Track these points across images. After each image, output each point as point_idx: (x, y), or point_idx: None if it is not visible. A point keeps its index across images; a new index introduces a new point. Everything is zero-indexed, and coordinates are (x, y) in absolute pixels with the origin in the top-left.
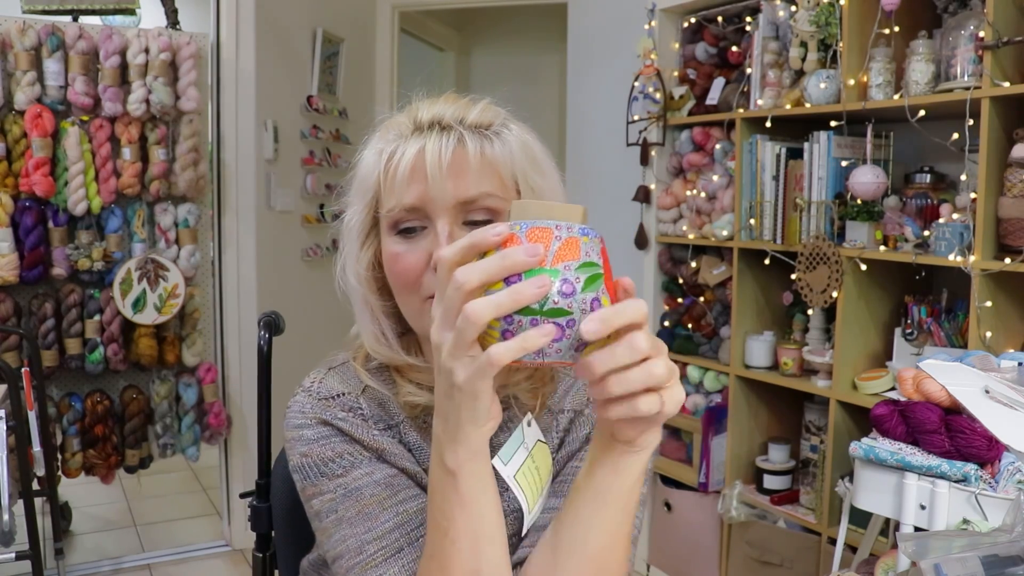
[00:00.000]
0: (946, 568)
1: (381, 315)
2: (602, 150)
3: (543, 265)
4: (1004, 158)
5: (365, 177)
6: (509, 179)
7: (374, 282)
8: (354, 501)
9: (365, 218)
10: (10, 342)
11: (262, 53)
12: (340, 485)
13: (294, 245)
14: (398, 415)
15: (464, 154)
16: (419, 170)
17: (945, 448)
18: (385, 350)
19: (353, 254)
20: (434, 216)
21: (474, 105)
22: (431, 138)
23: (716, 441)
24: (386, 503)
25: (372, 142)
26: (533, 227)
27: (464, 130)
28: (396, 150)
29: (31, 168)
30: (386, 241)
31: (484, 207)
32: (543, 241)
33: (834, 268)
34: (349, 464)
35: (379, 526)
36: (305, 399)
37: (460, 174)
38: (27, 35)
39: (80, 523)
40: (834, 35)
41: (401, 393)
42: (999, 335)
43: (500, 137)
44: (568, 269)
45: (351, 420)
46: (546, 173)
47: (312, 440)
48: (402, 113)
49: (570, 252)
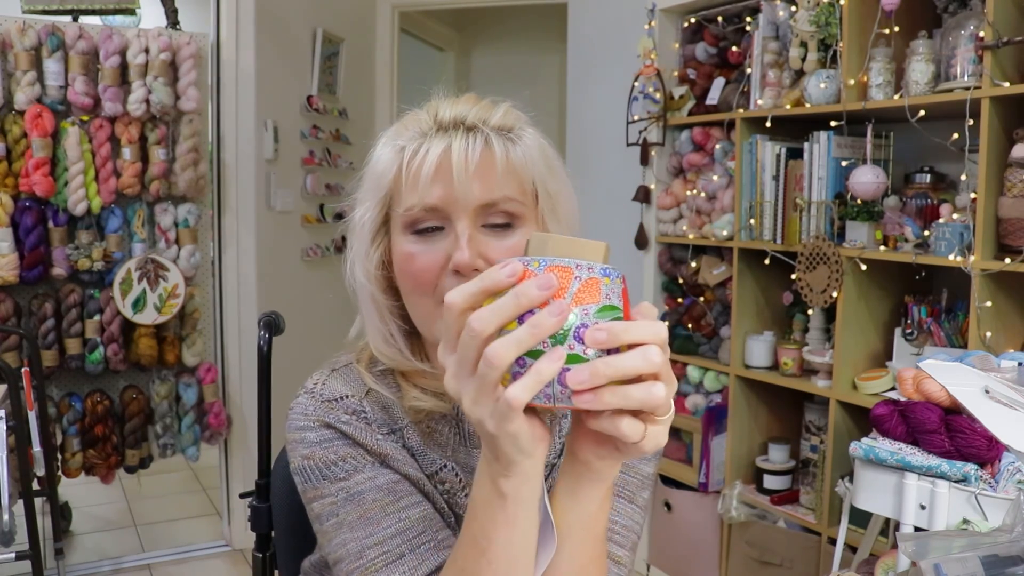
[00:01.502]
0: (946, 568)
1: (389, 315)
2: (602, 150)
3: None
4: (1004, 158)
5: (381, 173)
6: (528, 184)
7: (383, 281)
8: (355, 505)
9: (377, 215)
10: (10, 342)
11: (262, 53)
12: (342, 489)
13: (294, 245)
14: (402, 419)
15: (491, 156)
16: (444, 170)
17: (945, 448)
18: (393, 352)
19: (363, 252)
20: (454, 217)
21: (496, 107)
22: (457, 138)
23: (716, 441)
24: (388, 509)
25: (388, 138)
26: (552, 265)
27: (490, 131)
28: (420, 148)
29: (31, 168)
30: (399, 240)
31: (504, 211)
32: (562, 281)
33: (834, 268)
34: (352, 468)
35: (380, 531)
36: (308, 401)
37: (485, 176)
38: (27, 35)
39: (80, 523)
40: (834, 35)
41: (406, 398)
42: (999, 335)
43: (522, 141)
44: (587, 313)
45: (354, 423)
46: (561, 179)
47: (315, 443)
48: (421, 110)
49: (590, 294)
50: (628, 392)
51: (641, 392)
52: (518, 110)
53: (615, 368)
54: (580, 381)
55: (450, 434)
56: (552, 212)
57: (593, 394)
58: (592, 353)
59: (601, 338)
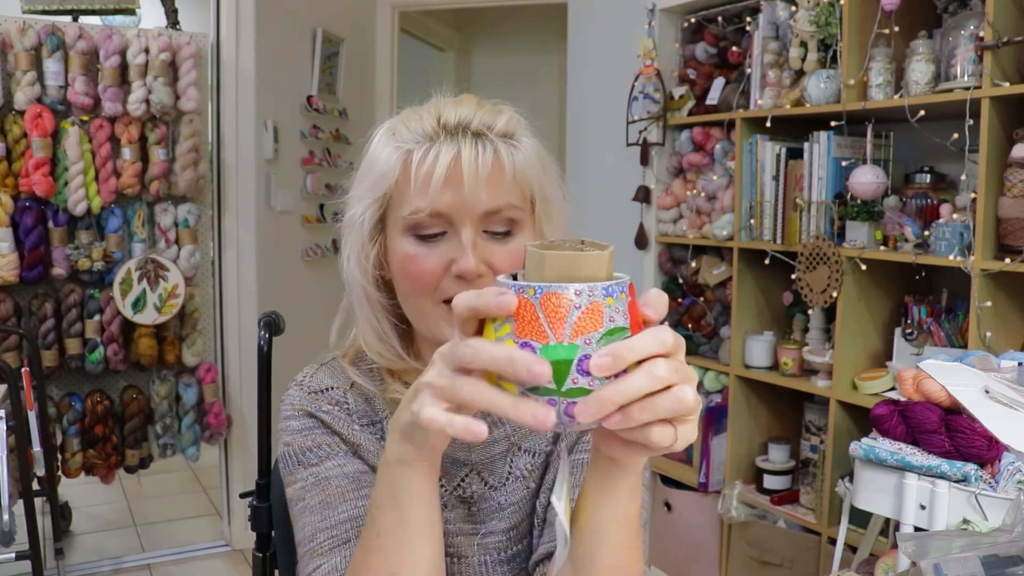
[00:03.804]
0: (946, 568)
1: (383, 312)
2: (602, 150)
3: (560, 342)
4: (1004, 158)
5: (383, 174)
6: (528, 191)
7: (377, 279)
8: (320, 490)
9: (375, 214)
10: (10, 342)
11: (262, 53)
12: (312, 474)
13: (294, 245)
14: (383, 411)
15: (500, 164)
16: (455, 176)
17: (945, 448)
18: (386, 349)
19: (359, 250)
20: (459, 223)
21: (499, 112)
22: (466, 144)
23: (716, 441)
24: (348, 495)
25: (385, 135)
26: (548, 293)
27: (497, 139)
28: (428, 152)
29: (31, 168)
30: (399, 241)
31: (506, 218)
32: (560, 310)
33: (834, 268)
34: (325, 455)
35: (334, 516)
36: (296, 392)
37: (494, 184)
38: (27, 35)
39: (80, 523)
40: (834, 35)
41: (388, 390)
42: (999, 335)
43: (523, 148)
44: (589, 343)
45: (335, 413)
46: (556, 184)
47: (297, 431)
48: (419, 108)
49: (592, 321)
50: (655, 404)
51: (669, 401)
52: (518, 114)
53: (623, 394)
54: (589, 414)
55: None
56: (547, 217)
57: (620, 414)
58: (597, 384)
59: (606, 364)
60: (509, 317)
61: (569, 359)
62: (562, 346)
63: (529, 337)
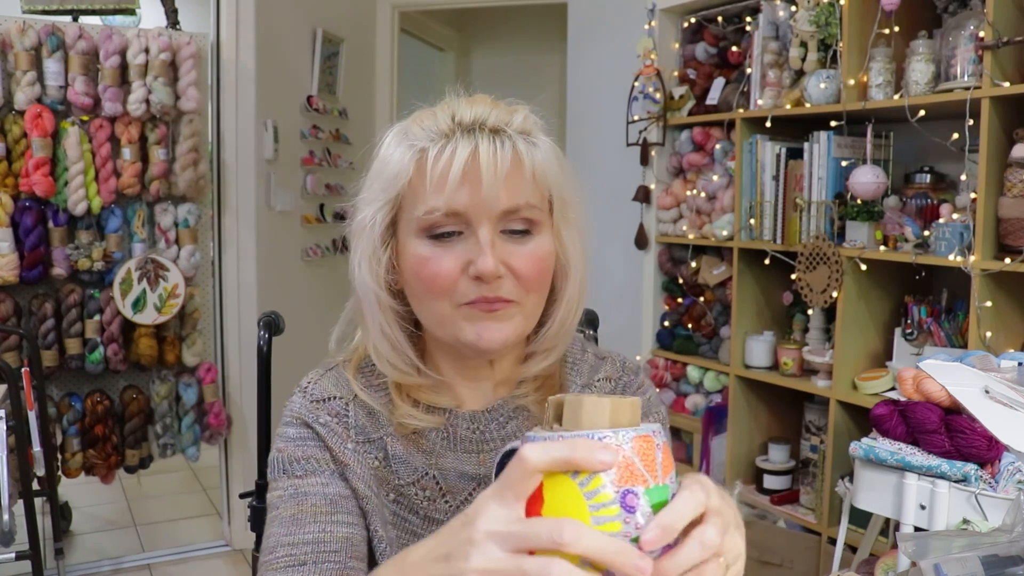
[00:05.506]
0: (946, 568)
1: (395, 319)
2: (602, 150)
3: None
4: (1004, 158)
5: (395, 174)
6: (546, 191)
7: (389, 284)
8: (295, 504)
9: (387, 217)
10: (10, 342)
11: (262, 53)
12: (293, 485)
13: (294, 245)
14: (387, 426)
15: (519, 161)
16: (472, 173)
17: (945, 448)
18: (401, 362)
19: (371, 255)
20: (476, 223)
21: (515, 111)
22: (483, 140)
23: (716, 441)
24: (319, 516)
25: (397, 137)
26: (639, 436)
27: (516, 135)
28: (444, 149)
29: (31, 168)
30: (411, 243)
31: (523, 217)
32: (649, 452)
33: (834, 268)
34: (311, 470)
35: (299, 533)
36: (299, 399)
37: (513, 182)
38: (27, 35)
39: (80, 523)
40: (834, 35)
41: (396, 414)
42: (999, 335)
43: (541, 147)
44: (672, 481)
45: (332, 426)
46: (574, 186)
47: (290, 439)
48: (433, 108)
49: (668, 460)
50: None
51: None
52: (533, 114)
53: (680, 567)
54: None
55: (437, 439)
56: (564, 219)
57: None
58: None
59: (657, 538)
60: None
61: (665, 500)
62: (658, 487)
63: (631, 484)
